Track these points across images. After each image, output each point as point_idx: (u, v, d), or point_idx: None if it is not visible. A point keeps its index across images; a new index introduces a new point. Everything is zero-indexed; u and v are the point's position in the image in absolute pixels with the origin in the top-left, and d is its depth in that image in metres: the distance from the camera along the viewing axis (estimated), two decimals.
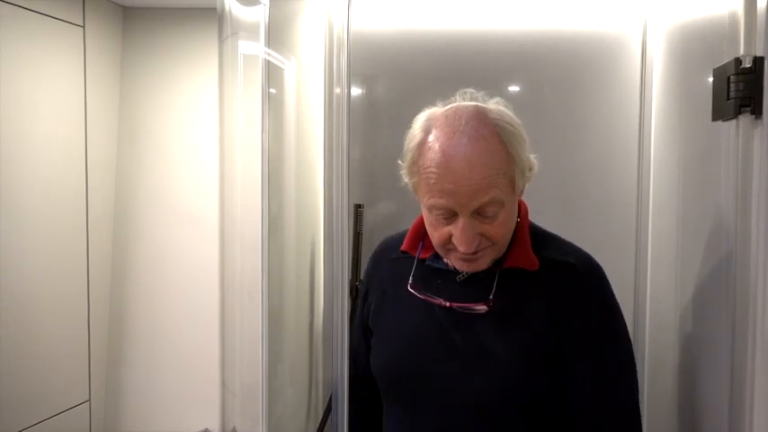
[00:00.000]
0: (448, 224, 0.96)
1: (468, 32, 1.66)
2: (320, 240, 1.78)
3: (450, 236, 0.96)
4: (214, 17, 1.92)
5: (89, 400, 1.80)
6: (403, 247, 1.12)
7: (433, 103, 1.02)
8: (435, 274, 1.07)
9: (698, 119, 1.11)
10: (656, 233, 1.50)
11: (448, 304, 1.01)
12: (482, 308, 0.99)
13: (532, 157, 1.00)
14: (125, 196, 1.94)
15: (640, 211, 1.57)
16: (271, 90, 1.27)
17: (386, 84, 1.73)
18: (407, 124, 1.02)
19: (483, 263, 1.00)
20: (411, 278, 1.06)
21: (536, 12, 1.65)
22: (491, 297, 0.99)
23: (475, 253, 0.97)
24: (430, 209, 0.97)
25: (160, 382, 1.92)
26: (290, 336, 1.58)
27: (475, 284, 1.02)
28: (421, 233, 1.09)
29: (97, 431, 1.83)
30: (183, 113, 1.95)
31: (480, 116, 0.95)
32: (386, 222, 1.73)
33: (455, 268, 1.04)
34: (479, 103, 0.99)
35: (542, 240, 1.06)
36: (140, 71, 1.95)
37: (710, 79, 0.94)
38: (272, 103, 1.20)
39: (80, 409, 1.77)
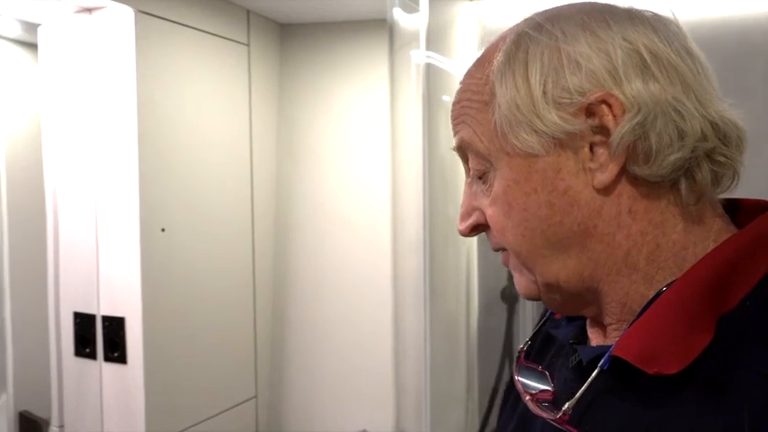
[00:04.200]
0: None
1: None
2: (474, 246, 1.76)
3: None
4: (364, 29, 1.98)
5: (256, 396, 1.90)
6: None
7: None
8: (551, 342, 0.65)
9: None
10: None
11: (527, 397, 0.58)
12: (550, 416, 0.53)
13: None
14: (285, 206, 2.04)
15: None
16: (444, 97, 1.27)
17: None
18: None
19: (518, 279, 0.58)
20: (528, 343, 0.66)
21: None
22: (567, 406, 0.51)
23: (498, 250, 0.59)
24: None
25: (320, 383, 1.99)
26: (453, 339, 1.58)
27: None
28: None
29: (263, 426, 1.94)
30: (335, 125, 2.02)
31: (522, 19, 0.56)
32: None
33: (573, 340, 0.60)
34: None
35: None
36: (296, 85, 2.05)
37: None
38: (446, 110, 1.21)
39: (248, 405, 1.88)
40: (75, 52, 1.60)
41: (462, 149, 0.57)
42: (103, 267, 1.58)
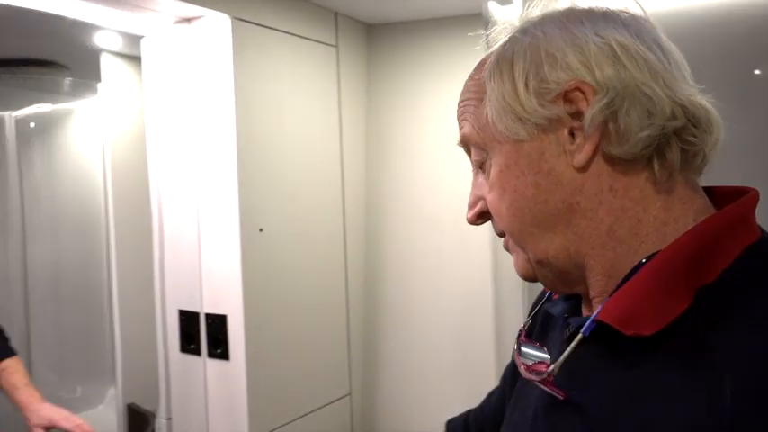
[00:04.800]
0: None
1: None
2: None
3: None
4: (455, 25, 1.96)
5: (350, 393, 1.92)
6: None
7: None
8: (550, 322, 0.71)
9: None
10: None
11: (522, 366, 0.62)
12: (537, 378, 0.58)
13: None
14: (374, 206, 2.05)
15: None
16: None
17: None
18: None
19: (515, 259, 0.64)
20: (528, 323, 0.72)
21: None
22: (551, 367, 0.57)
23: (500, 235, 0.65)
24: None
25: (413, 382, 1.99)
26: None
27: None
28: None
29: (358, 424, 1.96)
30: (424, 123, 2.01)
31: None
32: None
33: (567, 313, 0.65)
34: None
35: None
36: (384, 86, 2.05)
37: None
38: None
39: (342, 402, 1.90)
40: (176, 60, 1.67)
41: (465, 143, 0.66)
42: (206, 267, 1.64)
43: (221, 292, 1.61)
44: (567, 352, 0.55)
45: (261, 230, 1.59)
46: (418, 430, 1.96)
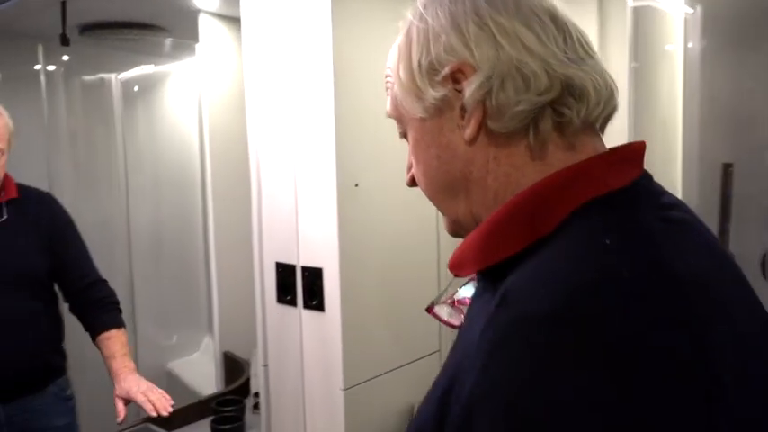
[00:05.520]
0: None
1: None
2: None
3: None
4: None
5: (439, 350, 1.94)
6: None
7: None
8: None
9: None
10: None
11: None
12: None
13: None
14: None
15: None
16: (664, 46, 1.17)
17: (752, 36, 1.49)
18: None
19: (444, 219, 0.72)
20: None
21: None
22: (432, 301, 0.79)
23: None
24: None
25: None
26: None
27: None
28: None
29: None
30: None
31: None
32: (762, 184, 1.50)
33: None
34: None
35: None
36: None
37: None
38: (655, 55, 1.11)
39: (432, 358, 1.93)
40: (274, 20, 1.69)
41: (390, 117, 0.72)
42: (302, 221, 1.68)
43: (317, 246, 1.65)
44: (444, 288, 0.70)
45: (356, 185, 1.61)
46: None
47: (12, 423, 1.81)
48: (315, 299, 1.67)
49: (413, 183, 0.73)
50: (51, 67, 3.02)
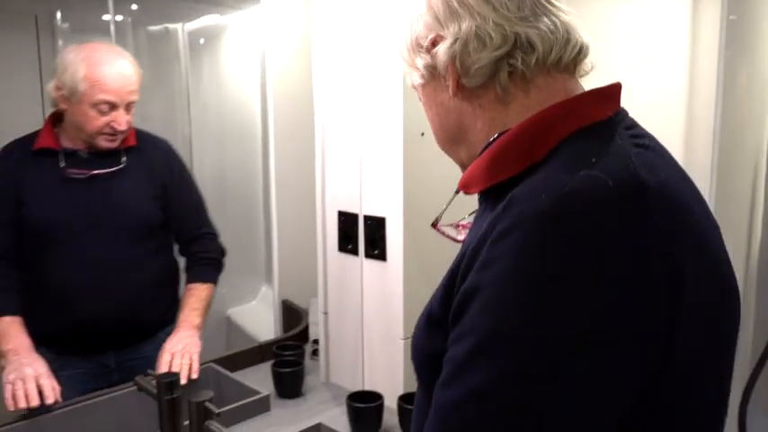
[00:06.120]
0: None
1: None
2: (763, 162, 1.53)
3: None
4: None
5: None
6: None
7: None
8: None
9: None
10: None
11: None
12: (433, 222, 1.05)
13: None
14: None
15: None
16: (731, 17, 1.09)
17: None
18: None
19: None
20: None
21: None
22: (435, 217, 1.04)
23: None
24: None
25: None
26: None
27: None
28: None
29: None
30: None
31: None
32: None
33: None
34: None
35: None
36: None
37: None
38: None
39: None
40: None
41: (411, 87, 0.85)
42: (366, 170, 1.68)
43: (381, 195, 1.65)
44: (446, 206, 0.92)
45: (422, 134, 1.58)
46: None
47: (122, 369, 1.83)
48: (376, 248, 1.68)
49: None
50: (119, 17, 3.07)
